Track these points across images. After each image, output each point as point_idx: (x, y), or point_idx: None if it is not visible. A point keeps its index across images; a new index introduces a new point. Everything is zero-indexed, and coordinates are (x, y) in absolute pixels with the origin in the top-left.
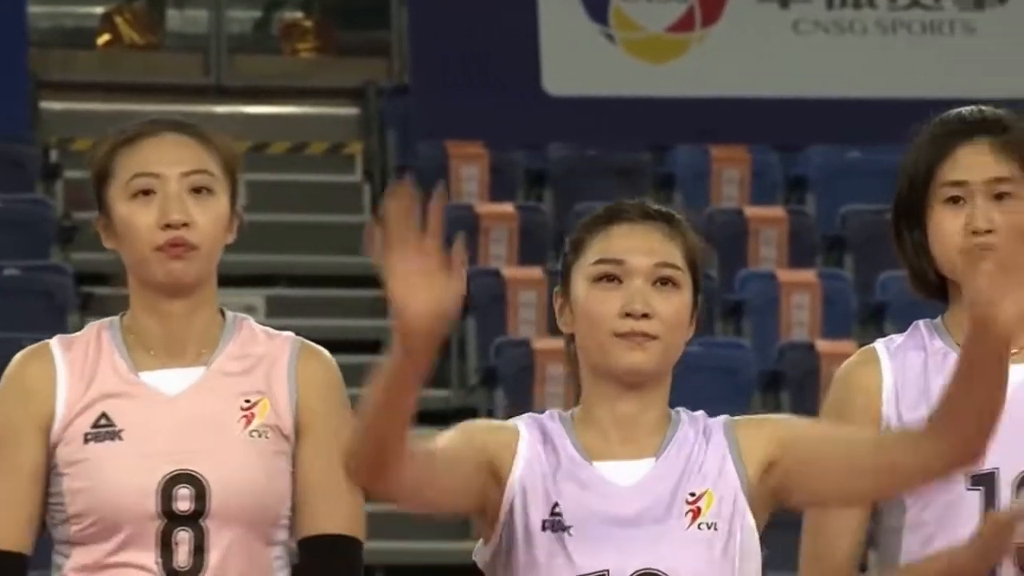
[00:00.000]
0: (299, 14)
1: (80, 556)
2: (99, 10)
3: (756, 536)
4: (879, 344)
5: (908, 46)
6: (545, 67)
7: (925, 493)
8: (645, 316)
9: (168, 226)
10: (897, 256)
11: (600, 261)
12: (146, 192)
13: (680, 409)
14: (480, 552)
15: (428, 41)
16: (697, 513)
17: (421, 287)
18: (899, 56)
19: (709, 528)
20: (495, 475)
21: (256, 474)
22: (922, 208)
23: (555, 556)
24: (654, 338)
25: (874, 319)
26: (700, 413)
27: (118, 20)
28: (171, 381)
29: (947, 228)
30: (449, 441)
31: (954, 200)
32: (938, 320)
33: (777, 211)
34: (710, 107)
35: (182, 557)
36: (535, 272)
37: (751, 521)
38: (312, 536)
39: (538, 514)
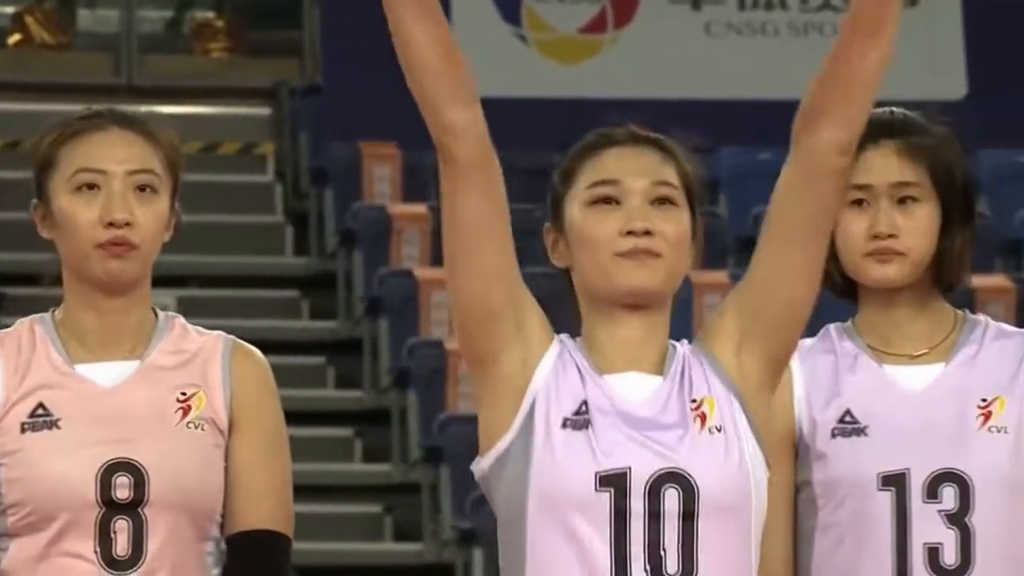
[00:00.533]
0: (211, 14)
1: (18, 548)
2: (9, 10)
3: (756, 434)
4: None
5: (820, 48)
6: None
7: (839, 490)
8: (647, 233)
9: (111, 224)
10: None
11: (595, 184)
12: (90, 186)
13: (672, 343)
14: (481, 461)
15: (340, 41)
16: (704, 418)
17: None
18: (811, 58)
19: (719, 431)
20: (522, 338)
21: (194, 464)
22: None
23: (576, 452)
24: (658, 256)
25: None
26: (682, 341)
27: (29, 20)
28: (106, 374)
29: (851, 231)
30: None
31: (858, 203)
32: (848, 323)
33: None
34: (622, 108)
35: (121, 546)
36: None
37: (751, 425)
38: (240, 532)
39: (561, 412)
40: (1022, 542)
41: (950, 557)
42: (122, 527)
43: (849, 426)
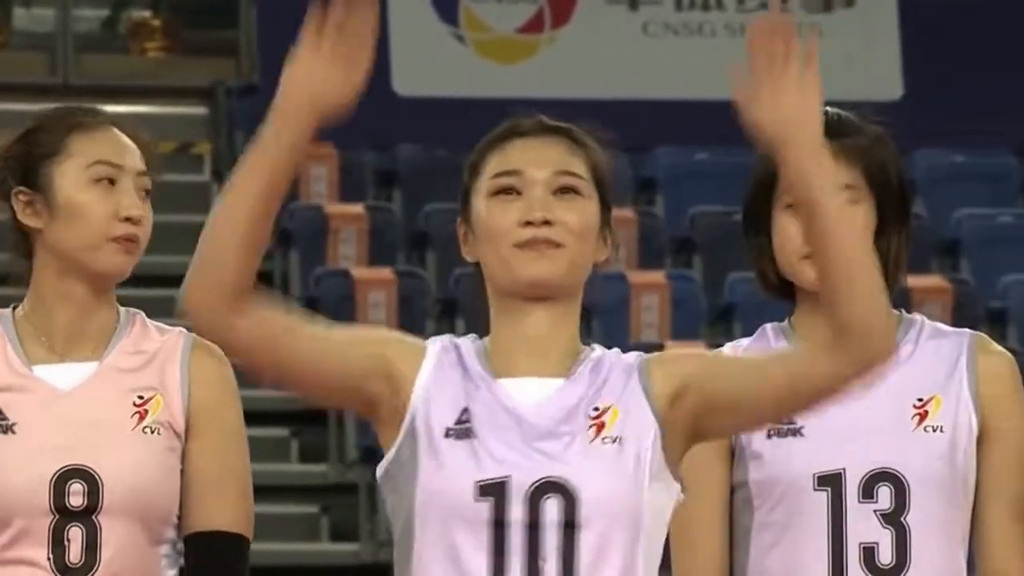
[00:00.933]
0: (147, 13)
1: None
2: None
3: (668, 461)
4: (727, 349)
5: None
6: (395, 68)
7: (775, 490)
8: (547, 223)
9: (127, 219)
10: (749, 258)
11: (498, 175)
12: (110, 180)
13: (595, 345)
14: (381, 465)
15: (277, 41)
16: (601, 427)
17: (317, 69)
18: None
19: (613, 442)
20: (391, 380)
21: (149, 470)
22: (767, 212)
23: (457, 462)
24: (559, 246)
25: (722, 320)
26: (615, 349)
27: None
28: (64, 376)
29: (788, 232)
30: (343, 331)
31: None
32: (785, 323)
33: (626, 212)
34: (560, 108)
35: (74, 554)
36: (385, 272)
37: (663, 442)
38: (199, 532)
39: (442, 422)
40: (957, 541)
41: (886, 557)
42: (75, 534)
43: (784, 426)
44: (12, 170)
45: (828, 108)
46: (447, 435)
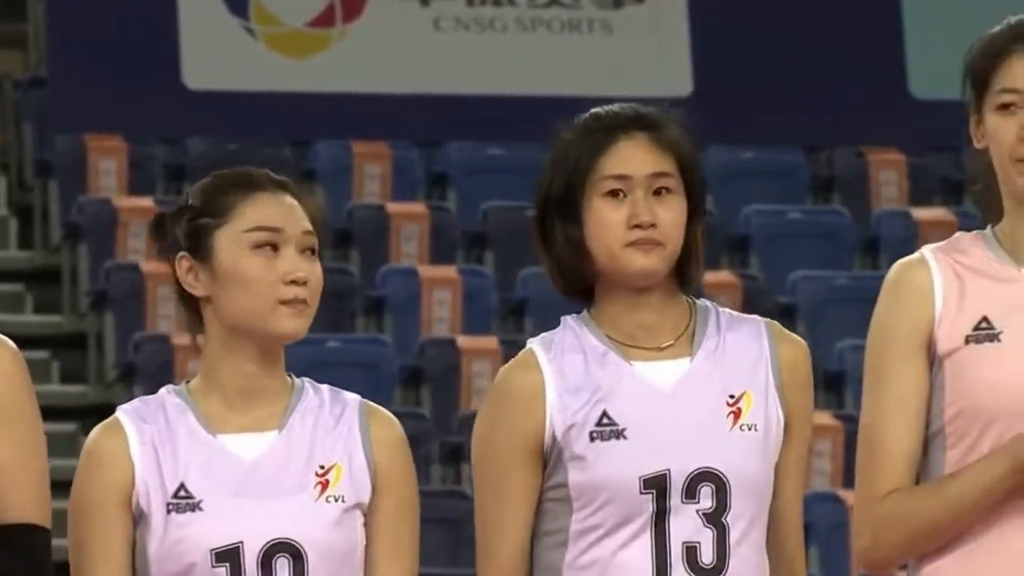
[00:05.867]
0: None
1: None
2: None
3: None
4: (536, 347)
5: (548, 44)
6: (185, 61)
7: (600, 493)
8: (300, 282)
9: None
10: (539, 253)
11: (255, 228)
12: None
13: (305, 380)
14: None
15: (66, 33)
16: (326, 485)
17: None
18: (539, 54)
19: (337, 501)
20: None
21: None
22: (578, 203)
23: (186, 536)
24: (304, 302)
25: (514, 315)
26: (325, 387)
27: None
28: None
29: (609, 220)
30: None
31: (614, 194)
32: (585, 314)
33: (418, 207)
34: (351, 103)
35: None
36: None
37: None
38: (1, 525)
39: (161, 500)
40: (763, 537)
41: (707, 556)
42: None
43: (607, 428)
44: None
45: (634, 104)
46: (169, 511)
